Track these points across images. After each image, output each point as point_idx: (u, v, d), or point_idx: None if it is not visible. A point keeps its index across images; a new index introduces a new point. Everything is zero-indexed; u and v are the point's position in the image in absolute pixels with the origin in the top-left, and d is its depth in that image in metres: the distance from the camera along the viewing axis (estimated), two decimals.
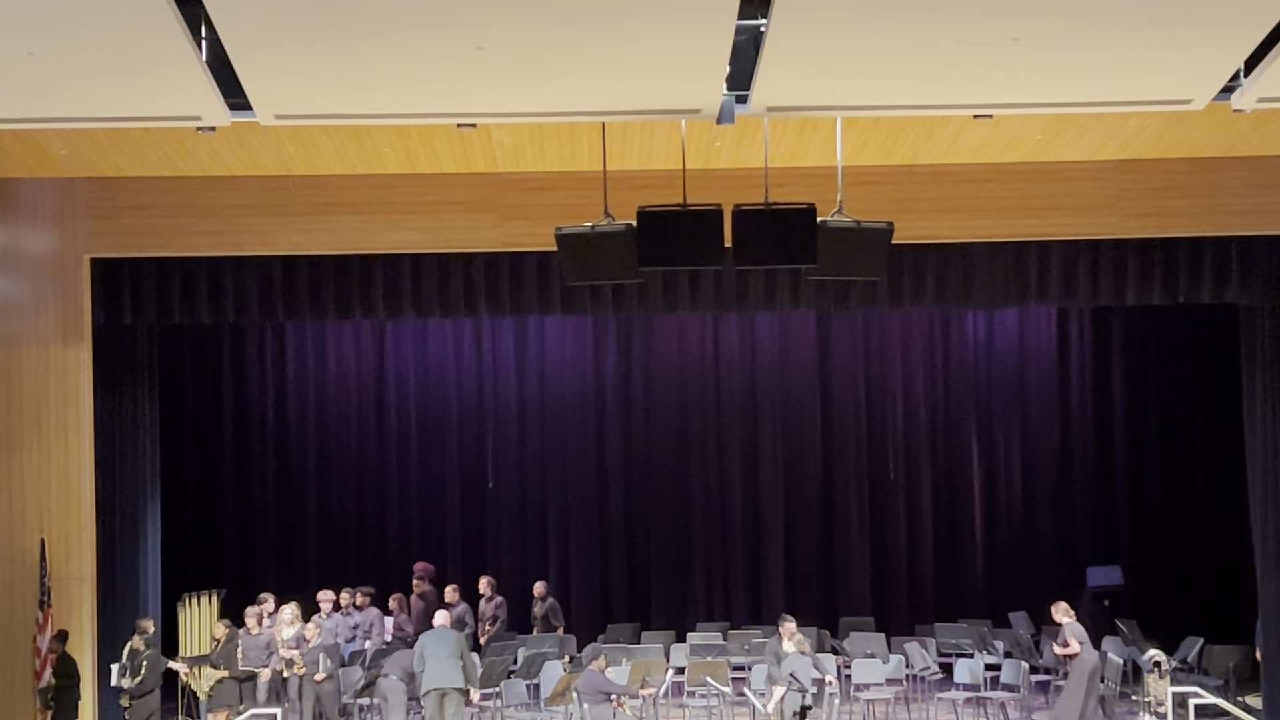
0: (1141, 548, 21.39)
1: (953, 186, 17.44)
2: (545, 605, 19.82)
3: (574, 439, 22.26)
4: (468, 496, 22.24)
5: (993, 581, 21.93)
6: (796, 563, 22.06)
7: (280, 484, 22.29)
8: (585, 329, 22.21)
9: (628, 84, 10.78)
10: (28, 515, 17.25)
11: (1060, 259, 17.84)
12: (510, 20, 9.46)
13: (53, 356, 17.35)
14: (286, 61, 10.08)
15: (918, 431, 22.30)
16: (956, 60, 10.42)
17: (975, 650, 18.41)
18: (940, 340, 22.33)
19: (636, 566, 22.16)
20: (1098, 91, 11.50)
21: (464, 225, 17.47)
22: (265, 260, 17.76)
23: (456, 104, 11.51)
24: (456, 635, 16.87)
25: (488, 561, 21.85)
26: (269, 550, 22.07)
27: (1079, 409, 22.16)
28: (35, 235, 17.42)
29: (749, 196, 13.80)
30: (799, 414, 22.23)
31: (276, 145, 16.16)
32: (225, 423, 22.25)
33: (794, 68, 10.48)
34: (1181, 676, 17.56)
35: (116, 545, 18.18)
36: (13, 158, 16.63)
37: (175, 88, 10.53)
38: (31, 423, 17.32)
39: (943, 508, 22.25)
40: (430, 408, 22.33)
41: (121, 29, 9.35)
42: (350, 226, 17.42)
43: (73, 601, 17.25)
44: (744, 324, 22.14)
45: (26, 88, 10.51)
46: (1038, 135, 16.28)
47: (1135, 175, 17.38)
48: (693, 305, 18.35)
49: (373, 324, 21.93)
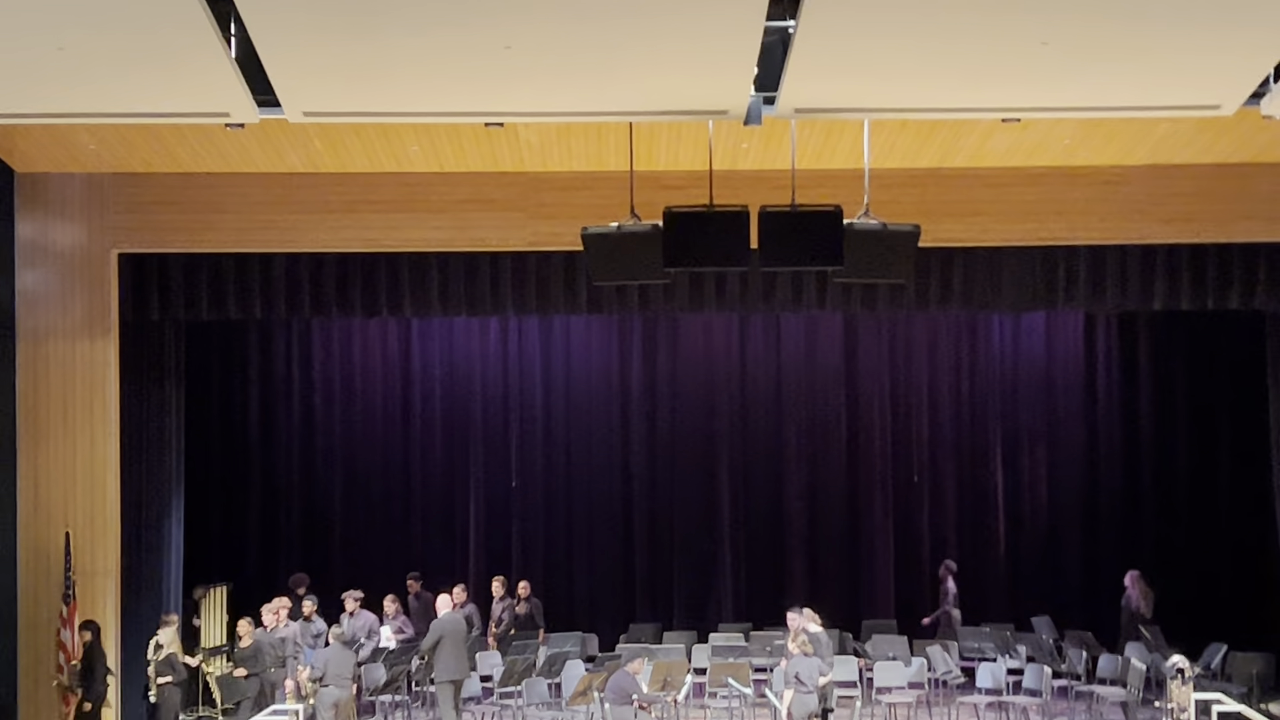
0: (1165, 553, 21.31)
1: (980, 190, 17.42)
2: (530, 604, 19.82)
3: (598, 439, 22.26)
4: (492, 495, 22.25)
5: (1016, 585, 21.87)
6: (819, 564, 22.04)
7: (304, 480, 22.32)
8: (611, 329, 22.21)
9: (655, 84, 10.77)
10: (53, 508, 17.32)
11: (1088, 263, 17.81)
12: (539, 19, 9.46)
13: (79, 350, 17.41)
14: (315, 59, 10.09)
15: (942, 435, 22.25)
16: (985, 63, 10.39)
17: (998, 654, 18.38)
18: (966, 344, 22.28)
19: (659, 566, 22.14)
20: (1127, 96, 11.46)
21: (491, 224, 17.49)
22: (293, 257, 17.81)
23: (484, 103, 11.51)
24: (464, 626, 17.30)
25: (511, 559, 21.87)
26: (293, 546, 22.10)
27: (1104, 414, 22.09)
28: (64, 229, 17.48)
29: (776, 198, 13.81)
30: (824, 416, 22.20)
31: (305, 142, 16.20)
32: (250, 419, 22.29)
33: (822, 70, 10.46)
34: (1205, 683, 17.48)
35: (141, 539, 18.25)
36: (42, 152, 16.70)
37: (204, 84, 10.55)
38: (58, 416, 17.38)
39: (967, 511, 22.20)
40: (455, 406, 22.34)
41: (151, 25, 9.38)
42: (377, 224, 17.46)
43: (97, 595, 17.30)
44: (769, 325, 22.12)
45: (56, 82, 10.53)
46: (1066, 139, 16.25)
47: (1164, 180, 17.34)
48: (719, 306, 18.35)
49: (399, 322, 21.96)
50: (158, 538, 18.59)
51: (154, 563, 18.52)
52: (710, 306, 18.34)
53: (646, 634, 19.63)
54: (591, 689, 16.20)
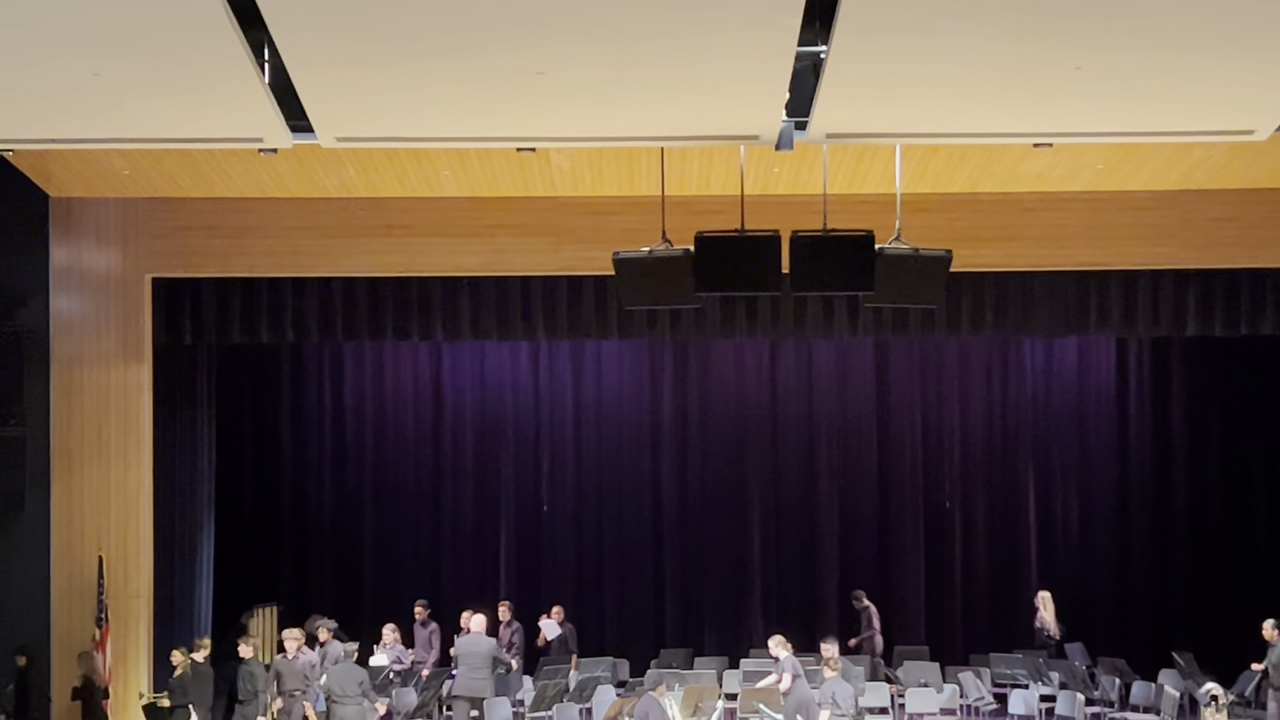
0: (1199, 579, 21.21)
1: (1012, 215, 17.41)
2: (564, 629, 19.74)
3: (629, 464, 22.24)
4: (522, 519, 22.24)
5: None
6: (851, 590, 21.96)
7: (336, 505, 22.32)
8: (642, 354, 22.19)
9: (687, 109, 10.78)
10: (86, 532, 17.38)
11: (1120, 288, 17.77)
12: (570, 45, 9.47)
13: (113, 375, 17.49)
14: (348, 84, 10.12)
15: (974, 460, 22.18)
16: (1017, 88, 10.38)
17: (1030, 681, 18.30)
18: (998, 369, 22.21)
19: (690, 591, 22.10)
20: (1159, 121, 11.43)
21: (522, 249, 17.53)
22: (325, 281, 17.87)
23: (516, 128, 11.54)
24: (489, 643, 17.29)
25: (541, 583, 21.83)
26: (324, 569, 22.10)
27: (1137, 439, 21.99)
28: (98, 254, 17.57)
29: (807, 223, 13.80)
30: (855, 441, 22.15)
31: (337, 167, 16.26)
32: (282, 443, 22.30)
33: (853, 95, 10.46)
34: (1239, 710, 17.39)
35: (174, 563, 18.29)
36: (77, 177, 16.79)
37: (238, 109, 10.59)
38: (92, 441, 17.46)
39: (998, 537, 22.12)
40: (486, 431, 22.34)
41: (186, 51, 9.42)
42: (409, 249, 17.51)
43: (130, 619, 17.36)
44: (801, 350, 22.08)
45: (91, 108, 10.59)
46: (1099, 164, 16.22)
47: (1197, 205, 17.30)
48: (750, 331, 18.35)
49: (430, 346, 21.97)
50: (190, 561, 18.64)
51: (186, 586, 18.56)
52: (741, 331, 18.34)
53: (678, 659, 19.57)
54: (622, 714, 16.17)
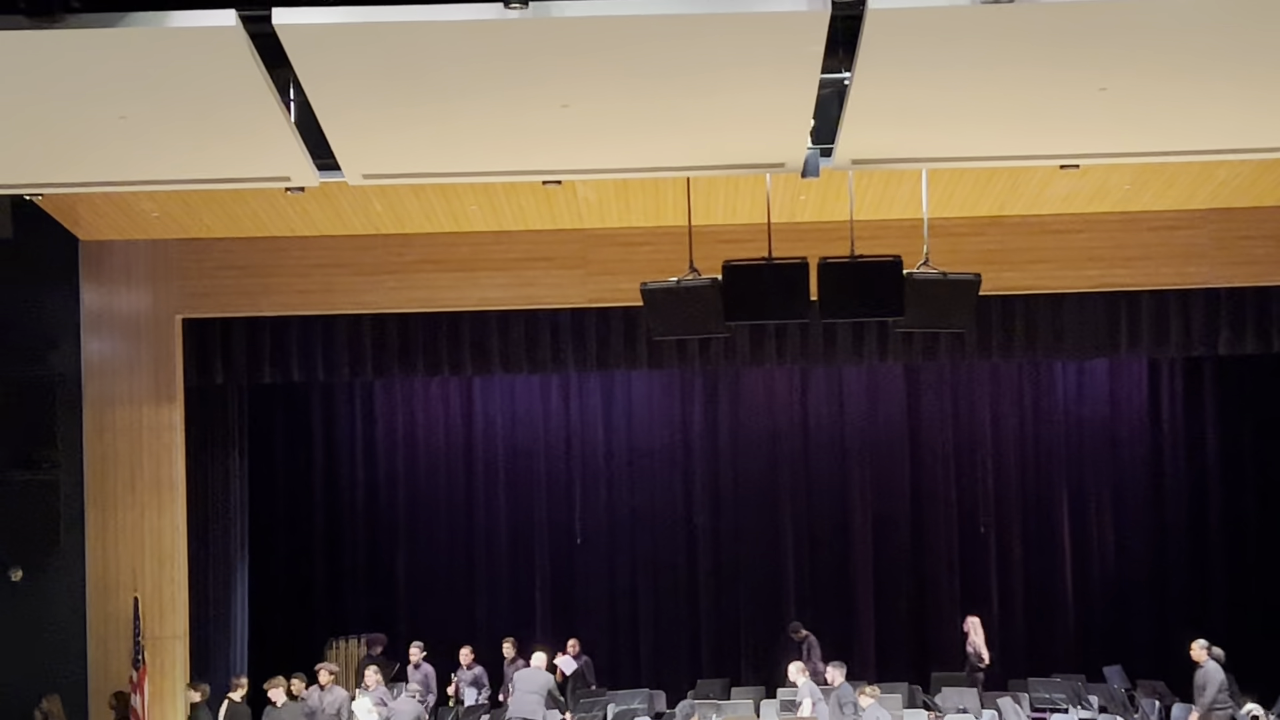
0: (1238, 599, 21.08)
1: (1040, 237, 17.37)
2: (580, 663, 19.70)
3: (662, 494, 22.19)
4: (556, 552, 22.20)
5: (1086, 635, 21.66)
6: (887, 617, 21.87)
7: (369, 542, 22.28)
8: (672, 384, 22.16)
9: (712, 139, 10.79)
10: (121, 574, 17.42)
11: (1151, 309, 17.71)
12: (595, 77, 9.49)
13: (146, 416, 17.54)
14: (374, 122, 10.16)
15: (1008, 484, 22.08)
16: (1043, 111, 10.36)
17: (1069, 705, 18.18)
18: (1030, 392, 22.12)
19: (725, 621, 22.02)
20: (1186, 141, 11.42)
21: (550, 281, 17.55)
22: (354, 319, 17.91)
23: (542, 161, 11.57)
24: (546, 676, 17.42)
25: (575, 615, 21.80)
26: (359, 607, 22.08)
27: (1171, 460, 21.87)
28: (128, 296, 17.64)
29: (835, 249, 13.80)
30: (888, 467, 22.08)
31: (364, 204, 16.30)
32: (315, 481, 22.29)
33: (878, 120, 10.46)
34: None
35: (209, 603, 18.31)
36: (106, 220, 16.87)
37: (265, 149, 10.63)
38: (125, 482, 17.50)
39: (1034, 560, 22.00)
40: (518, 464, 22.31)
41: (212, 92, 9.46)
42: (438, 284, 17.55)
43: (166, 660, 17.37)
44: (831, 377, 22.02)
45: (119, 151, 10.64)
46: (1126, 184, 16.18)
47: (1226, 223, 17.25)
48: (779, 359, 18.33)
49: (461, 381, 21.97)
50: (225, 600, 18.64)
51: (222, 625, 18.57)
52: (771, 360, 18.32)
53: (715, 690, 19.50)
54: None
